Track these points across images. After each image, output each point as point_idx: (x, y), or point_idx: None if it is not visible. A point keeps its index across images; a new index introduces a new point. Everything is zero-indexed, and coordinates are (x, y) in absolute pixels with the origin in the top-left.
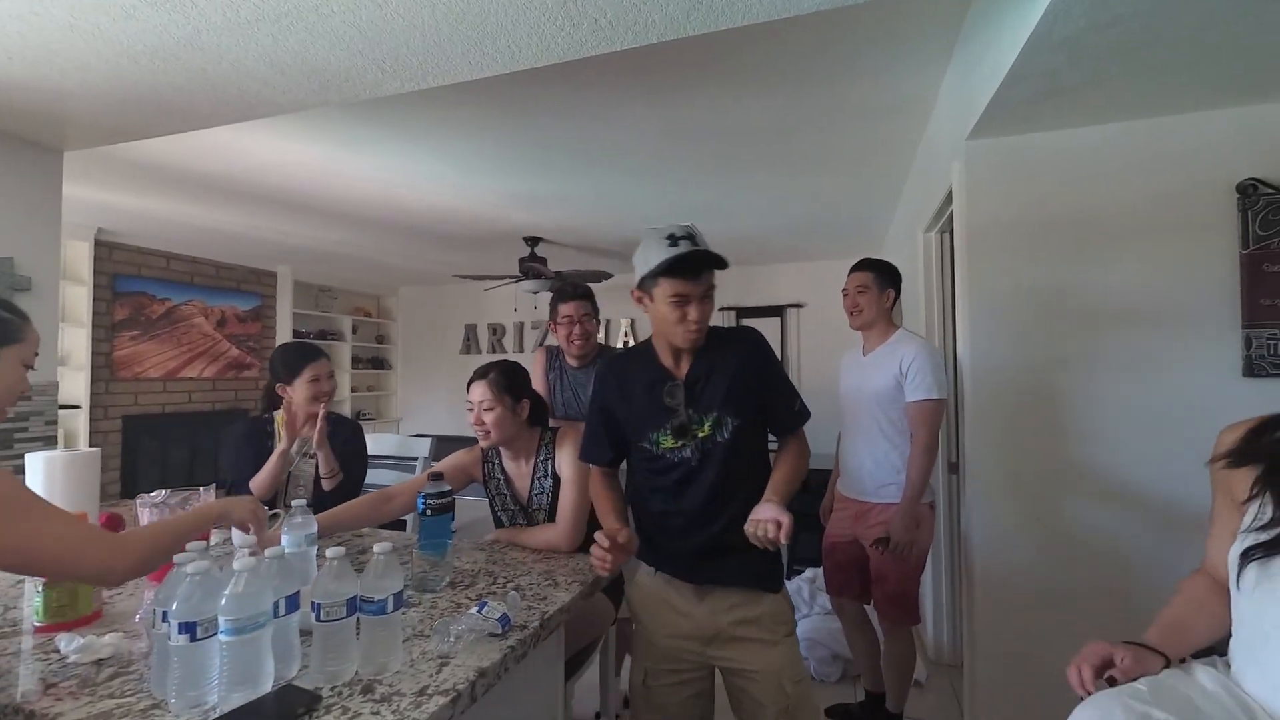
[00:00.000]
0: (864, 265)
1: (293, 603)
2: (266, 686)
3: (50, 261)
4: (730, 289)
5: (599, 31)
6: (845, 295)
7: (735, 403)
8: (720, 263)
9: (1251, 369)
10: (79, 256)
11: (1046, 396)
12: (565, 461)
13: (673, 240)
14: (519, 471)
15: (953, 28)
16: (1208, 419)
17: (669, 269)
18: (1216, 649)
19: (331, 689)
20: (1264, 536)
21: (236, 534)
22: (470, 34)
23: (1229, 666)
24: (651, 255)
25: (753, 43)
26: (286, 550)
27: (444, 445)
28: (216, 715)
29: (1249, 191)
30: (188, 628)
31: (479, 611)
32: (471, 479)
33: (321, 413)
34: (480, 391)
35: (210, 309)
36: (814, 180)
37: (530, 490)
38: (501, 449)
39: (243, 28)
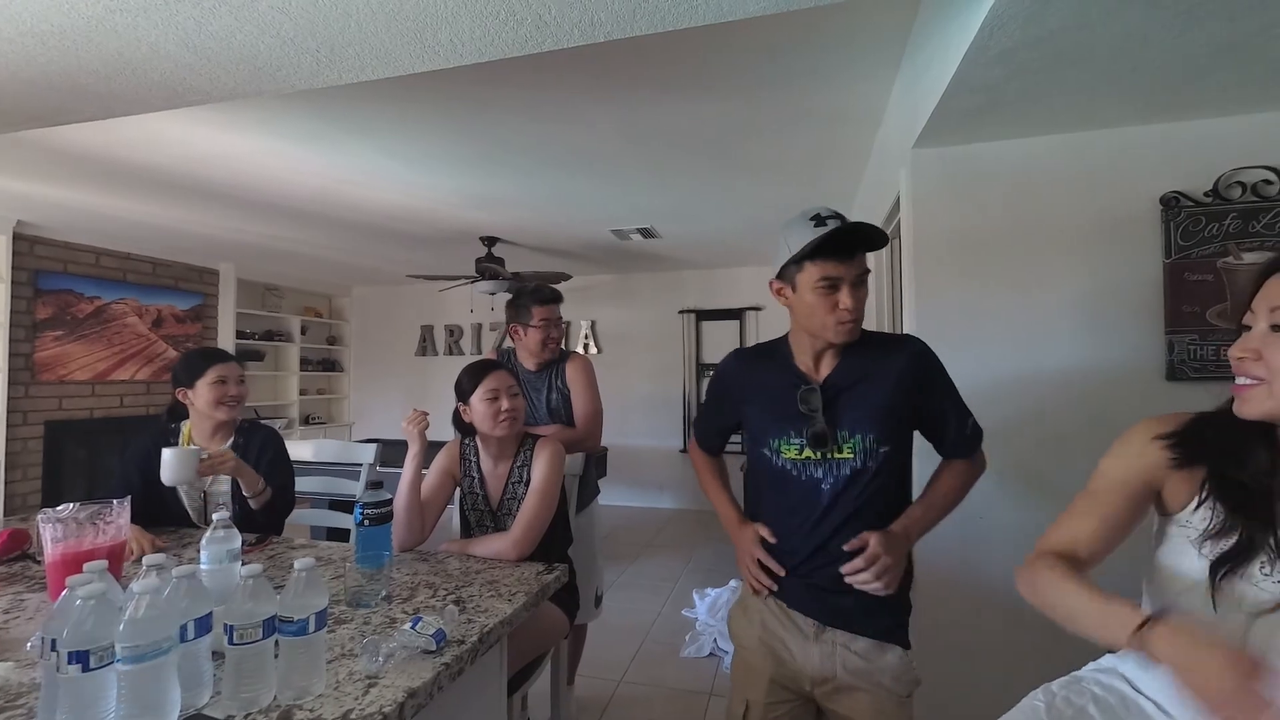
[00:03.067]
0: None
1: (203, 625)
2: (172, 718)
3: None
4: (690, 291)
5: (544, 28)
6: None
7: (888, 424)
8: (878, 240)
9: (1174, 373)
10: None
11: (989, 399)
12: (539, 470)
13: (819, 220)
14: (495, 473)
15: (900, 38)
16: (1135, 421)
17: (819, 249)
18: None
19: (245, 716)
20: (1225, 544)
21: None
22: (409, 26)
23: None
24: (795, 237)
25: (709, 47)
26: (205, 568)
27: (393, 450)
28: None
29: (1171, 204)
30: (79, 656)
31: (412, 627)
32: (456, 481)
33: (219, 444)
34: (507, 378)
35: (145, 308)
36: (771, 184)
37: (503, 494)
38: (482, 447)
39: (160, 9)
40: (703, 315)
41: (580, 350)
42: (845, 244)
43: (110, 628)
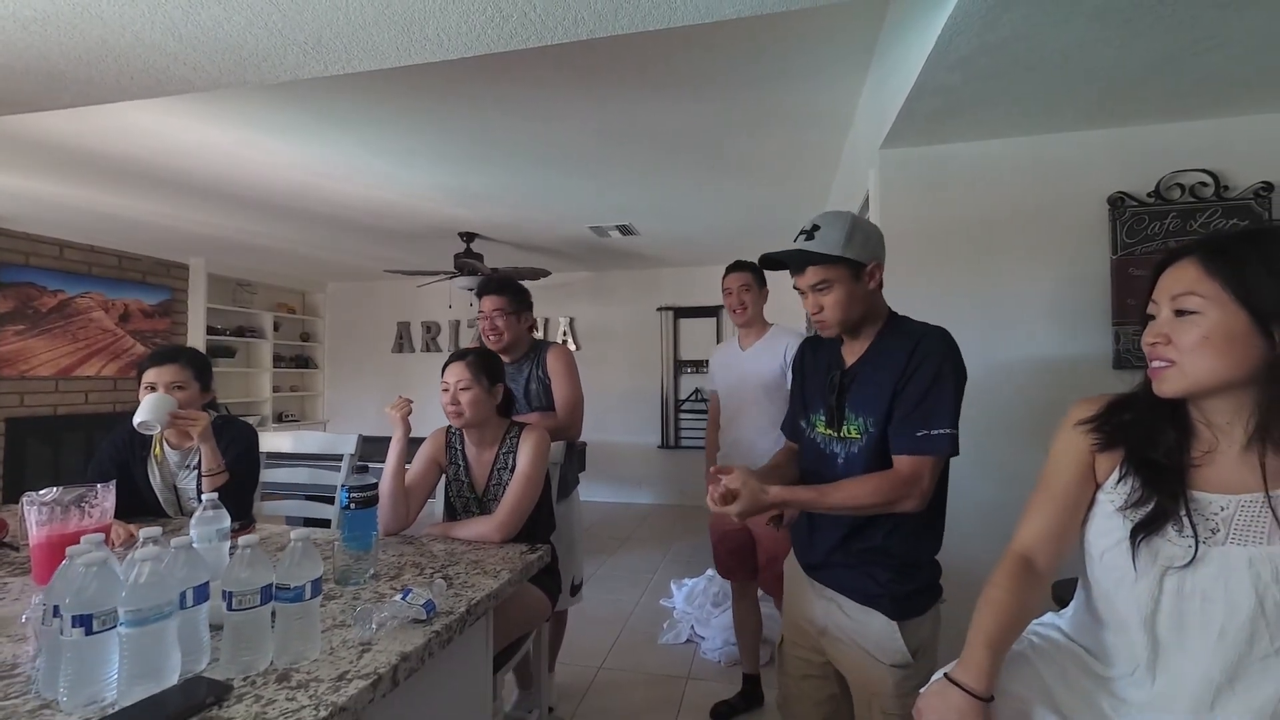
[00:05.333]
0: (743, 266)
1: (201, 593)
2: (172, 680)
3: None
4: (667, 289)
5: (529, 25)
6: (728, 294)
7: (884, 408)
8: (794, 261)
9: (1120, 362)
10: None
11: None
12: (525, 455)
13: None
14: (480, 460)
15: (869, 43)
16: None
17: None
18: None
19: (244, 679)
20: (1142, 512)
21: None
22: (398, 19)
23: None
24: None
25: (686, 48)
26: (195, 545)
27: (371, 445)
28: (115, 711)
29: (1118, 204)
30: (82, 620)
31: (403, 599)
32: (442, 468)
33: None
34: (458, 372)
35: (111, 302)
36: (746, 184)
37: (488, 480)
38: (466, 435)
39: None
40: (680, 312)
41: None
42: (777, 263)
43: (111, 594)
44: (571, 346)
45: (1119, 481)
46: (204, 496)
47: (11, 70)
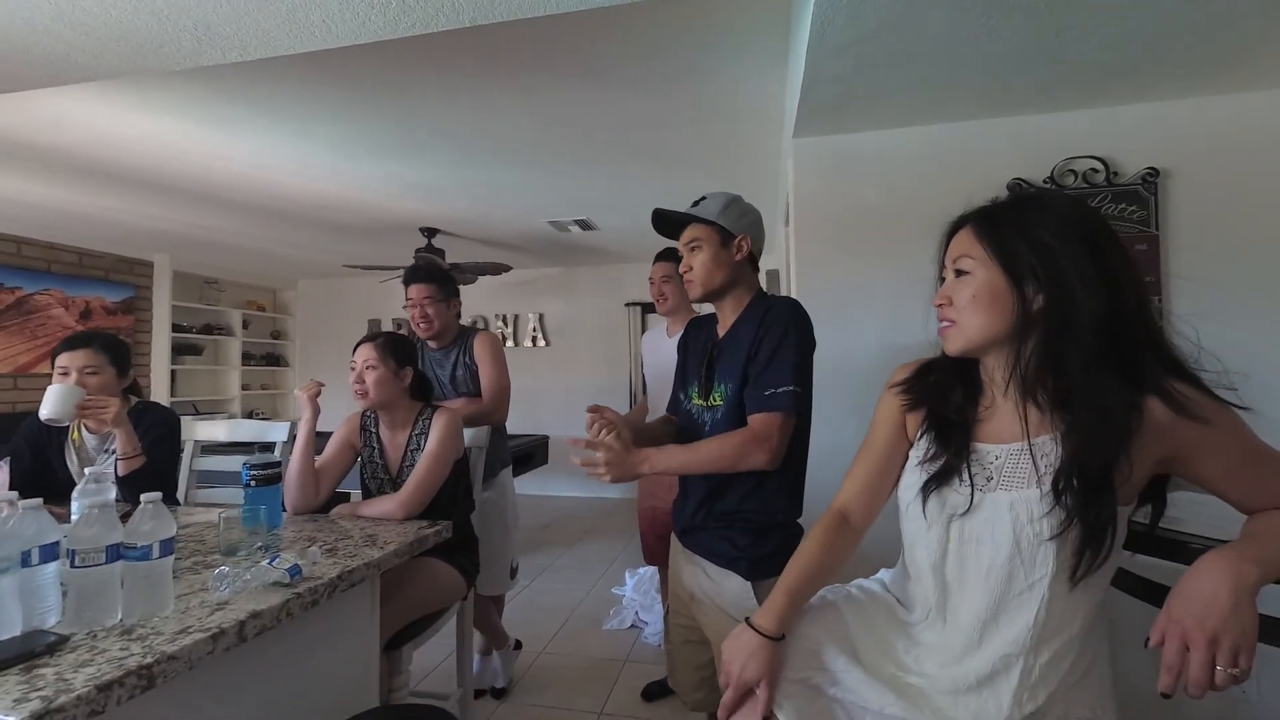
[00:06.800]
0: (667, 256)
1: (49, 552)
2: (13, 634)
3: None
4: (634, 284)
5: (408, 12)
6: (651, 283)
7: (739, 374)
8: (676, 219)
9: None
10: None
11: (859, 370)
12: (433, 436)
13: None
14: (394, 441)
15: (782, 35)
16: None
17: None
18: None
19: (87, 634)
20: (934, 467)
21: None
22: (282, 6)
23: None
24: None
25: (607, 38)
26: (75, 518)
27: (318, 439)
28: None
29: (1016, 190)
30: None
31: (269, 563)
32: (356, 451)
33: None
34: (365, 353)
35: (71, 299)
36: (692, 178)
37: (402, 461)
38: (380, 417)
39: None
40: (647, 308)
41: (529, 343)
42: (655, 224)
43: None
44: (541, 343)
45: (920, 438)
46: (87, 470)
47: None
